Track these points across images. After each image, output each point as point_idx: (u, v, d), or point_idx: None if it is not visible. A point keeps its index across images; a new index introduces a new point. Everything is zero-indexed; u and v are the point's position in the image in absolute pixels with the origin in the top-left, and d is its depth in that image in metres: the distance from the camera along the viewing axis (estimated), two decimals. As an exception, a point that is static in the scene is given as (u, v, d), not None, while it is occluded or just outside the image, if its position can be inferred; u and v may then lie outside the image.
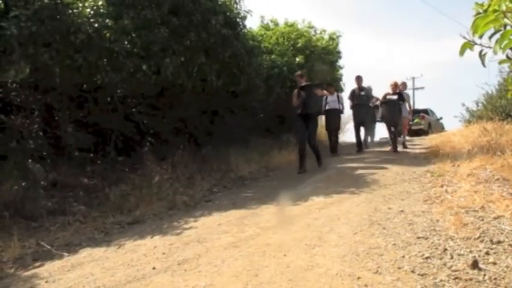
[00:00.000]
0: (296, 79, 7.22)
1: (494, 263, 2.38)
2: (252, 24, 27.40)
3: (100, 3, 6.41)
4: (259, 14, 17.40)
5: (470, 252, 2.56)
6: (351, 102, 9.14)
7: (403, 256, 2.59)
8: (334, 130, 9.13)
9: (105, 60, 6.29)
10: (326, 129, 9.39)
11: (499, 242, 2.66)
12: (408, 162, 6.77)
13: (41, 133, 6.67)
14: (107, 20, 6.34)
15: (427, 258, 2.52)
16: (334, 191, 4.84)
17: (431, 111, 18.22)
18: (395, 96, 8.56)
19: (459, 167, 5.18)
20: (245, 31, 8.95)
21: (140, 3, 6.68)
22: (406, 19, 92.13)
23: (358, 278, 2.34)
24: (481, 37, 1.44)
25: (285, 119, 10.72)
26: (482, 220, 3.10)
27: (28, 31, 5.22)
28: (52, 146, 6.58)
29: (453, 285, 2.18)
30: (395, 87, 8.68)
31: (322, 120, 9.71)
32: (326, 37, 12.37)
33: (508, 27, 1.38)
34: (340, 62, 12.83)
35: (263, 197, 5.04)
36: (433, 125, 16.96)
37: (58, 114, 6.98)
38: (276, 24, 12.26)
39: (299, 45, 11.26)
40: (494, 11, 1.37)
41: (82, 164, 6.81)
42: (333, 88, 9.21)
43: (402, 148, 9.03)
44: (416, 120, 15.68)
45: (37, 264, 3.50)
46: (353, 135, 9.71)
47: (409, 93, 13.59)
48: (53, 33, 5.55)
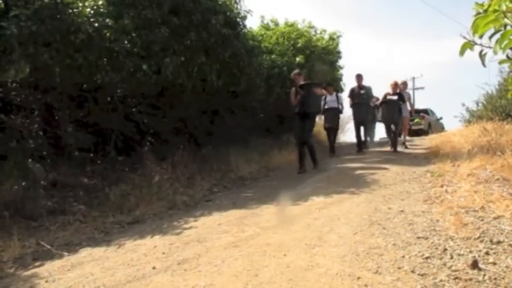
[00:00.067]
0: (293, 78, 7.05)
1: (494, 263, 2.38)
2: (252, 24, 27.47)
3: (100, 2, 6.40)
4: (259, 14, 17.46)
5: (470, 252, 2.56)
6: (351, 100, 9.06)
7: (403, 256, 2.59)
8: (333, 130, 9.11)
9: (105, 59, 6.29)
10: (325, 128, 9.36)
11: (499, 242, 2.66)
12: (408, 162, 6.77)
13: (41, 133, 6.67)
14: (107, 20, 6.34)
15: (427, 258, 2.52)
16: (334, 191, 4.84)
17: (431, 111, 18.22)
18: (395, 96, 8.56)
19: (459, 167, 5.19)
20: (245, 31, 8.95)
21: (140, 2, 6.68)
22: (406, 19, 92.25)
23: (358, 278, 2.34)
24: (481, 37, 1.45)
25: (285, 119, 10.70)
26: (482, 220, 3.10)
27: (28, 30, 5.22)
28: (52, 146, 6.58)
29: (453, 285, 2.18)
30: (395, 87, 8.68)
31: (322, 120, 9.73)
32: (326, 37, 12.38)
33: (508, 27, 1.38)
34: (340, 62, 12.87)
35: (263, 197, 5.04)
36: (433, 125, 16.95)
37: (58, 113, 6.98)
38: (276, 24, 12.26)
39: (299, 45, 11.26)
40: (494, 11, 1.37)
41: (82, 164, 6.81)
42: (332, 88, 9.18)
43: (403, 148, 9.02)
44: (416, 120, 15.67)
45: (37, 263, 3.50)
46: (353, 135, 9.73)
47: (410, 92, 13.61)
48: (53, 32, 5.55)
